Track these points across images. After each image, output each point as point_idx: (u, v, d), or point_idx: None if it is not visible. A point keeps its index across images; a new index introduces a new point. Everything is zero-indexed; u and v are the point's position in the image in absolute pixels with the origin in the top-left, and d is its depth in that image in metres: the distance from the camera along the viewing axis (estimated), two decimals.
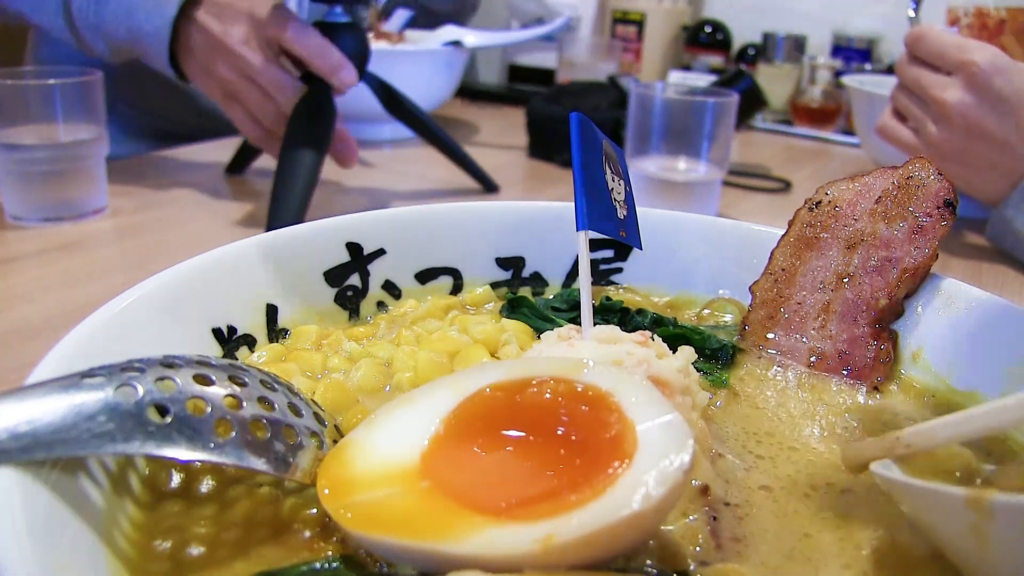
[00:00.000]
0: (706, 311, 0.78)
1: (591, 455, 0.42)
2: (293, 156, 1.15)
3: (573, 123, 0.57)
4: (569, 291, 0.79)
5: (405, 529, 0.40)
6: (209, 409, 0.44)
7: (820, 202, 0.71)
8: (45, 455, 0.38)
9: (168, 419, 0.42)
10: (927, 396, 0.65)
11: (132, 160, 1.58)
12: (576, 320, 0.72)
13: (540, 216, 0.81)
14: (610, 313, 0.73)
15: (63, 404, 0.39)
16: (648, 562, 0.44)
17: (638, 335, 0.57)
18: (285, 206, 1.10)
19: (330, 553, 0.44)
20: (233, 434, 0.44)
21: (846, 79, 1.77)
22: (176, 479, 0.49)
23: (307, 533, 0.45)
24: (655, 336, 0.59)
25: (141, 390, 0.42)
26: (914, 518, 0.47)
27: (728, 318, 0.76)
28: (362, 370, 0.61)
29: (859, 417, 0.62)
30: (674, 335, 0.69)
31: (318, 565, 0.43)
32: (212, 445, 0.43)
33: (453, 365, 0.64)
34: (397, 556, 0.42)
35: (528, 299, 0.76)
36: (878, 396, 0.65)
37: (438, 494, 0.42)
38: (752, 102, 1.69)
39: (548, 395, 0.45)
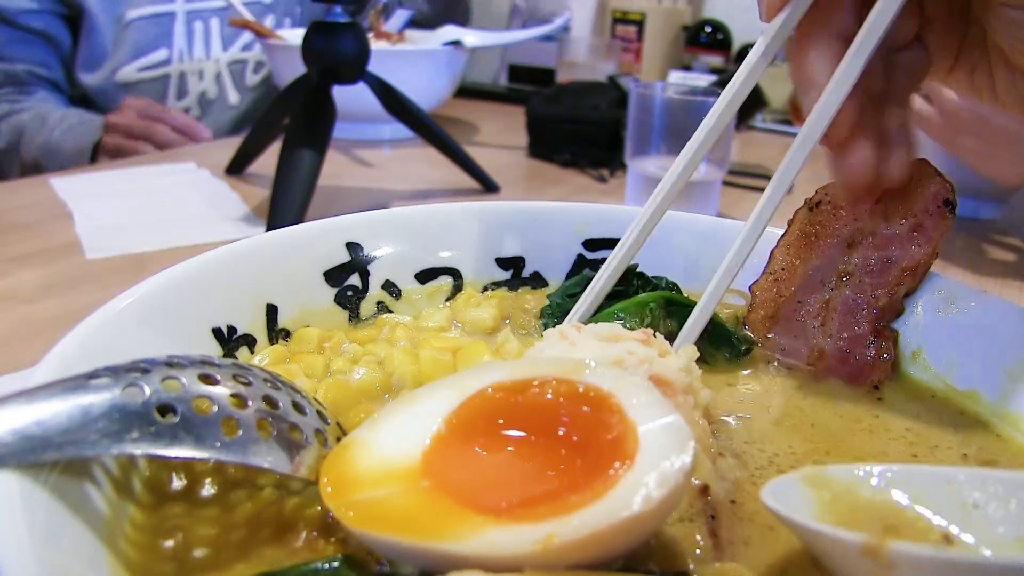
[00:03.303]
0: None
1: (592, 456, 0.42)
2: (293, 156, 1.15)
3: None
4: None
5: (406, 528, 0.40)
6: (215, 408, 0.44)
7: (820, 202, 0.71)
8: (56, 456, 0.39)
9: (175, 419, 0.42)
10: (927, 396, 0.66)
11: (132, 160, 1.58)
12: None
13: (540, 216, 0.81)
14: (629, 279, 0.72)
15: (71, 405, 0.39)
16: (648, 562, 0.44)
17: (639, 333, 0.57)
18: (285, 206, 1.10)
19: (331, 553, 0.44)
20: (239, 433, 0.44)
21: None
22: (178, 481, 0.49)
23: (309, 533, 0.45)
24: (657, 333, 0.59)
25: (148, 390, 0.42)
26: (817, 558, 0.44)
27: (729, 310, 0.77)
28: (363, 370, 0.61)
29: (860, 417, 0.62)
30: (688, 307, 0.67)
31: (319, 565, 0.43)
32: (219, 444, 0.43)
33: (455, 364, 0.64)
34: (398, 555, 0.42)
35: None
36: (878, 395, 0.66)
37: (439, 493, 0.42)
38: (752, 102, 1.69)
39: (550, 395, 0.45)
